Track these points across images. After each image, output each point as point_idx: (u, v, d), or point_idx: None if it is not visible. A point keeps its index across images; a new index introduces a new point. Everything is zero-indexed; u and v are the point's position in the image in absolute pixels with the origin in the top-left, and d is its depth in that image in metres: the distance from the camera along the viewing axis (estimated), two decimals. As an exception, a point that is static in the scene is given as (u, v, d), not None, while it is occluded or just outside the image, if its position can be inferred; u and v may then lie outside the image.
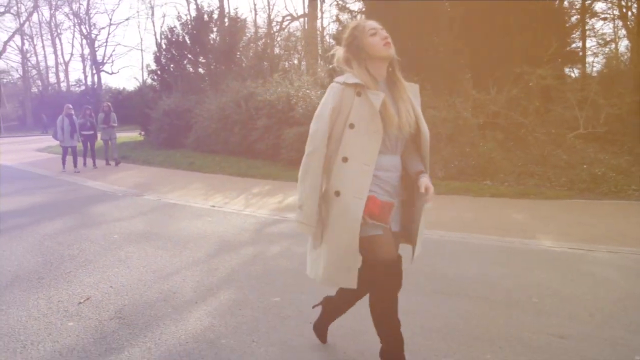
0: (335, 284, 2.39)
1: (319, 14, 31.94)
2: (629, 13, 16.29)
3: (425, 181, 2.32)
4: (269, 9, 52.27)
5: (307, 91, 11.96)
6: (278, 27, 33.08)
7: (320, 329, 2.86)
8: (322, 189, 2.32)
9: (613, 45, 18.91)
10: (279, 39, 32.01)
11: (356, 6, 14.84)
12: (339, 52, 2.43)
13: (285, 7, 65.93)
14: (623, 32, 19.39)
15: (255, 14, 50.89)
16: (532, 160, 9.85)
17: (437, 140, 9.41)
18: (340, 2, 15.21)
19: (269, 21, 35.18)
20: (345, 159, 2.24)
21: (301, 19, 33.32)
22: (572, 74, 15.50)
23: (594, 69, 16.49)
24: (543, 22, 12.41)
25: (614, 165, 9.22)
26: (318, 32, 28.87)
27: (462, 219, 6.37)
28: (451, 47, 13.05)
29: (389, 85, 2.37)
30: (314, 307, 2.95)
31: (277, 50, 28.86)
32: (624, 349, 2.80)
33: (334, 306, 2.76)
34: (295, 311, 3.40)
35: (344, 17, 16.13)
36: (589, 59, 16.62)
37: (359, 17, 14.71)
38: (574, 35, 15.54)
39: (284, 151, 11.56)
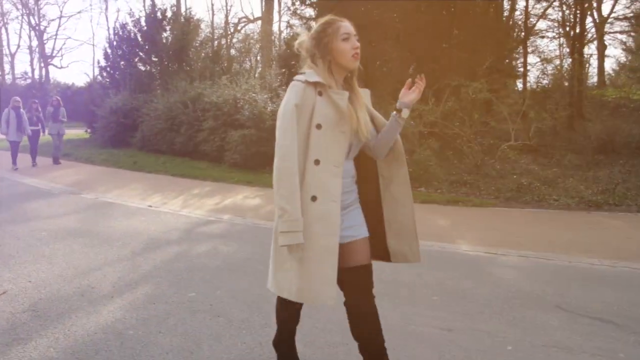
0: (313, 300, 2.13)
1: (277, 17, 32.14)
2: (572, 33, 17.19)
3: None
4: (226, 9, 52.18)
5: (253, 94, 12.08)
6: (233, 29, 33.14)
7: (280, 347, 2.65)
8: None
9: (558, 62, 19.89)
10: (234, 40, 32.06)
11: (307, 13, 15.06)
12: (303, 37, 2.30)
13: (242, 9, 65.64)
14: (567, 49, 20.42)
15: (213, 15, 50.71)
16: (466, 169, 10.34)
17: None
18: (291, 7, 15.44)
19: (226, 22, 35.19)
20: (317, 162, 2.12)
21: (258, 22, 33.39)
22: (517, 89, 16.24)
23: (539, 84, 17.27)
24: (482, 37, 13.02)
25: (541, 176, 9.81)
26: (275, 36, 29.01)
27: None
28: (398, 58, 13.50)
29: (346, 90, 2.27)
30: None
31: (232, 52, 28.87)
32: (500, 340, 3.10)
33: (281, 319, 2.61)
34: (207, 305, 3.57)
35: (295, 22, 16.42)
36: (533, 74, 17.40)
37: (310, 23, 14.98)
38: (516, 52, 16.34)
39: (228, 153, 11.68)
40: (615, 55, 47.10)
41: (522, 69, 17.03)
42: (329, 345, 2.97)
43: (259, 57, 28.54)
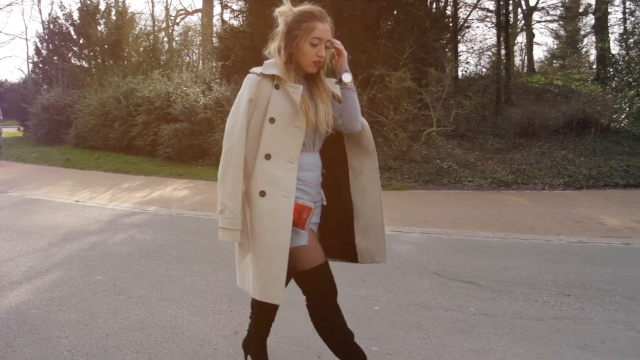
0: (266, 298, 2.07)
1: (219, 9, 31.87)
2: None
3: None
4: (166, 1, 51.29)
5: (185, 88, 12.23)
6: (172, 22, 32.73)
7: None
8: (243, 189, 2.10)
9: (493, 50, 20.75)
10: (175, 34, 31.66)
11: (238, 6, 15.21)
12: (286, 8, 2.19)
13: (180, 1, 64.71)
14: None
15: (153, 6, 49.75)
16: (393, 155, 10.84)
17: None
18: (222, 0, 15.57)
19: (167, 14, 34.70)
20: (268, 156, 2.07)
21: (199, 14, 33.07)
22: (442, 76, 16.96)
23: (464, 72, 18.03)
24: (409, 27, 13.54)
25: (462, 159, 10.43)
26: (215, 29, 28.87)
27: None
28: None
29: (308, 81, 2.23)
30: None
31: (174, 45, 28.52)
32: (371, 302, 3.55)
33: (253, 338, 2.53)
34: (110, 286, 3.86)
35: (228, 16, 16.54)
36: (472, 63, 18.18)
37: (240, 17, 15.15)
38: (444, 41, 16.99)
39: (162, 147, 11.81)
40: (547, 43, 49.20)
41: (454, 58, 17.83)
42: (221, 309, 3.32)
43: (200, 50, 28.31)
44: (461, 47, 18.86)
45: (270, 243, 2.02)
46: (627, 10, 17.09)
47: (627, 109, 12.22)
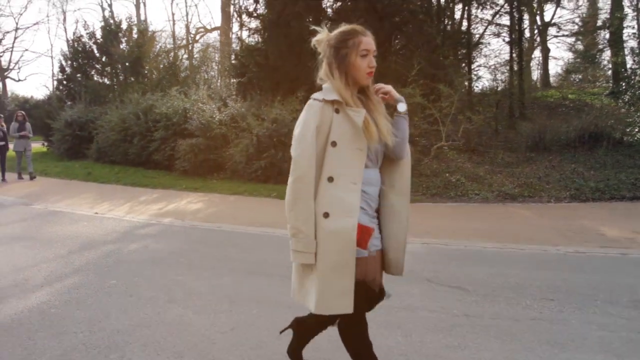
0: (331, 311, 2.16)
1: (237, 27, 32.68)
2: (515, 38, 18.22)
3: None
4: (186, 19, 52.48)
5: (201, 105, 12.68)
6: (192, 39, 33.64)
7: (294, 354, 2.70)
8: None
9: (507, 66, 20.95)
10: (195, 51, 32.50)
11: (254, 24, 15.68)
12: (322, 36, 2.29)
13: (199, 19, 66.21)
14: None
15: (174, 24, 50.95)
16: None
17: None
18: (238, 19, 16.07)
19: (187, 32, 35.66)
20: (330, 179, 2.15)
21: (217, 32, 33.92)
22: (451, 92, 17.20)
23: (474, 88, 18.22)
24: (420, 45, 13.84)
25: (471, 173, 10.59)
26: (234, 45, 29.59)
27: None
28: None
29: (362, 97, 2.30)
30: (281, 332, 2.79)
31: (194, 62, 29.31)
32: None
33: (306, 328, 2.66)
34: (123, 289, 4.19)
35: (245, 35, 17.03)
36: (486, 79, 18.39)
37: (257, 35, 15.63)
38: (455, 58, 17.22)
39: (178, 162, 12.23)
40: (563, 57, 49.04)
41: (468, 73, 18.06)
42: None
43: (218, 67, 29.04)
44: (476, 62, 19.06)
45: (337, 260, 2.11)
46: (640, 25, 17.17)
47: (640, 122, 12.27)
